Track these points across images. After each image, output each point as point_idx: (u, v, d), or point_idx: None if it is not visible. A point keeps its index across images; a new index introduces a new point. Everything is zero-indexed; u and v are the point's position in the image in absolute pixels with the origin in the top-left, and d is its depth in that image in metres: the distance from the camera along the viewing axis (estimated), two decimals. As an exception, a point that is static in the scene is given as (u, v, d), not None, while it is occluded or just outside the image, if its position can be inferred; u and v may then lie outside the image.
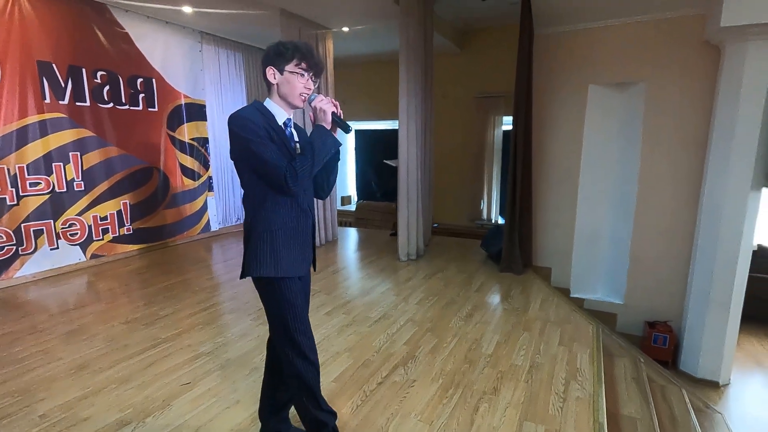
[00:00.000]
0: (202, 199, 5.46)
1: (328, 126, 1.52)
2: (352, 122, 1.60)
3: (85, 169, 4.19)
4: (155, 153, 4.86)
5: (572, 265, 4.68)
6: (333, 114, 1.53)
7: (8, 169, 3.66)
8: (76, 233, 4.16)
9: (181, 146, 5.14)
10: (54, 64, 3.88)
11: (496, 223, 6.44)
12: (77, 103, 4.08)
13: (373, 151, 7.72)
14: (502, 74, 5.76)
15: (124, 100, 4.48)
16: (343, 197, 8.26)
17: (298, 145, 1.58)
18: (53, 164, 3.95)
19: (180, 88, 5.05)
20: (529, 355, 2.60)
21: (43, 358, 2.50)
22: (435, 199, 5.52)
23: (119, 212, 4.51)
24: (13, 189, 3.69)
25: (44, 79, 3.83)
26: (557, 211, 4.67)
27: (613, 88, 4.35)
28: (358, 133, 8.14)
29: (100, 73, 4.24)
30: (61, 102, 3.96)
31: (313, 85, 1.55)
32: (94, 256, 4.32)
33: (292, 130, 1.59)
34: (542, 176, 4.64)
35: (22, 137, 3.73)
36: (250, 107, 1.51)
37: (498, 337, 2.82)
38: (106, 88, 4.31)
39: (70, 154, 4.07)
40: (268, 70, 1.51)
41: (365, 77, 7.18)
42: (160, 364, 2.43)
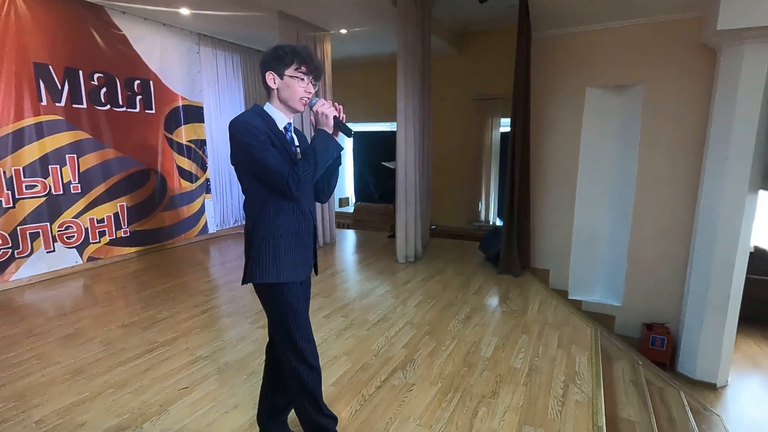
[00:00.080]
0: (199, 201, 5.44)
1: (330, 130, 1.51)
2: (350, 124, 1.59)
3: (81, 171, 4.17)
4: (152, 155, 4.84)
5: (570, 267, 4.68)
6: (335, 118, 1.52)
7: (4, 172, 3.64)
8: (73, 236, 4.13)
9: (179, 148, 5.13)
10: (50, 66, 3.86)
11: (494, 225, 6.44)
12: (74, 105, 4.06)
13: (371, 152, 7.71)
14: (500, 76, 5.77)
15: (121, 102, 4.46)
16: (341, 199, 8.26)
17: (299, 150, 1.57)
18: (50, 167, 3.93)
19: (177, 90, 5.04)
20: (528, 358, 2.60)
21: (39, 363, 2.48)
22: (433, 201, 5.52)
23: (116, 215, 4.49)
24: (9, 192, 3.67)
25: (40, 81, 3.81)
26: (555, 213, 4.68)
27: (610, 91, 4.36)
28: (356, 134, 8.14)
29: (96, 75, 4.22)
30: (57, 104, 3.94)
31: (313, 89, 1.55)
32: (91, 259, 4.30)
33: (292, 135, 1.58)
34: (540, 178, 4.65)
35: (18, 139, 3.71)
36: (251, 112, 1.50)
37: (496, 340, 2.82)
38: (103, 90, 4.29)
39: (67, 156, 4.05)
40: (267, 75, 1.50)
41: (363, 79, 7.18)
42: (158, 368, 2.42)
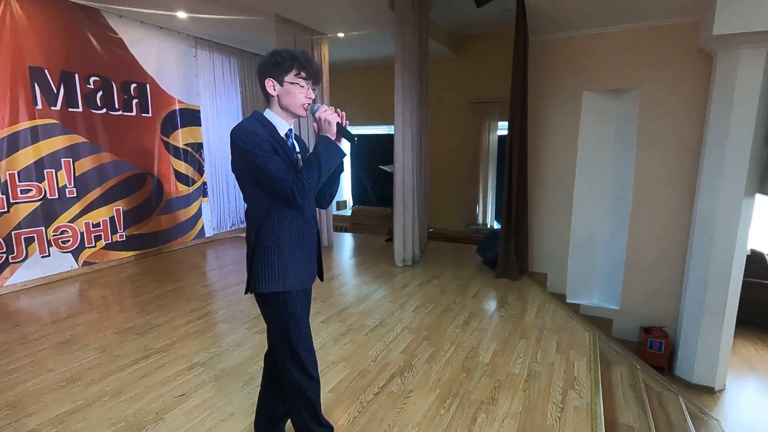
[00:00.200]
0: (196, 205, 5.42)
1: (332, 137, 1.50)
2: (347, 127, 1.58)
3: (77, 175, 4.14)
4: (149, 159, 4.82)
5: (568, 271, 4.68)
6: (338, 124, 1.50)
7: (-1, 176, 3.61)
8: (68, 240, 4.10)
9: (175, 152, 5.11)
10: (46, 70, 3.84)
11: (492, 228, 6.45)
12: (69, 109, 4.04)
13: (369, 156, 7.71)
14: (497, 80, 5.78)
15: (117, 106, 4.44)
16: (338, 202, 8.24)
17: (300, 156, 1.56)
18: (45, 171, 3.90)
19: (174, 93, 5.02)
20: (527, 364, 2.59)
21: (34, 370, 2.45)
22: (430, 204, 5.52)
23: (112, 219, 4.46)
24: (4, 196, 3.64)
25: (36, 84, 3.78)
26: (553, 217, 4.68)
27: (607, 94, 4.37)
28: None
29: (93, 79, 4.20)
30: (53, 108, 3.92)
31: (313, 94, 1.53)
32: (87, 264, 4.27)
33: (293, 141, 1.57)
34: (538, 181, 4.65)
35: (13, 144, 3.68)
36: (251, 119, 1.48)
37: (495, 345, 2.81)
38: (99, 93, 4.27)
39: (62, 160, 4.02)
40: (267, 82, 1.47)
41: (361, 82, 7.19)
42: (154, 375, 2.39)
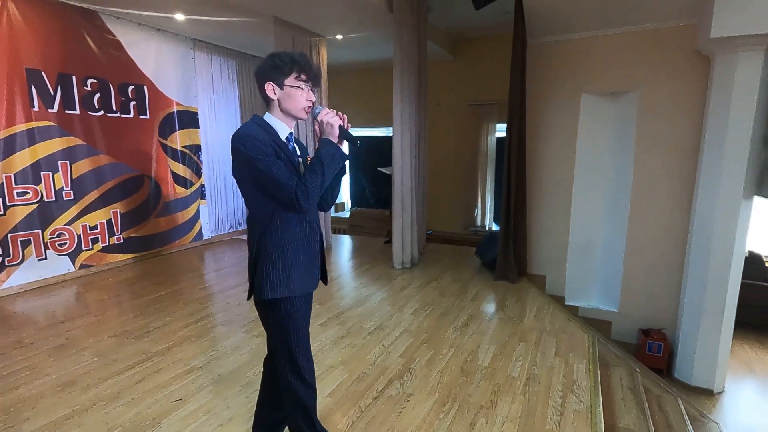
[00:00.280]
0: (194, 207, 5.40)
1: (335, 140, 1.49)
2: (349, 130, 1.57)
3: (74, 177, 4.12)
4: (146, 161, 4.80)
5: (567, 273, 4.67)
6: (340, 127, 1.49)
7: (-5, 179, 3.59)
8: (65, 243, 4.08)
9: (173, 154, 5.09)
10: (43, 72, 3.82)
11: (491, 230, 6.44)
12: (67, 111, 4.02)
13: (367, 158, 7.70)
14: (496, 82, 5.78)
15: (114, 108, 4.42)
16: (336, 204, 8.23)
17: (301, 160, 1.54)
18: (42, 173, 3.88)
19: (172, 95, 5.01)
20: (526, 367, 2.58)
21: (30, 375, 2.43)
22: (429, 206, 5.51)
23: (109, 221, 4.44)
24: (0, 199, 3.62)
25: (33, 86, 3.77)
26: (551, 219, 4.68)
27: (606, 97, 4.38)
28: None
29: (90, 81, 4.18)
30: (50, 110, 3.90)
31: (314, 96, 1.52)
32: (84, 267, 4.25)
33: (294, 145, 1.55)
34: (536, 184, 4.65)
35: (10, 146, 3.66)
36: (252, 124, 1.46)
37: (494, 348, 2.80)
38: (97, 95, 4.25)
39: (59, 162, 4.00)
40: (267, 86, 1.46)
41: (359, 84, 7.18)
42: (151, 379, 2.38)
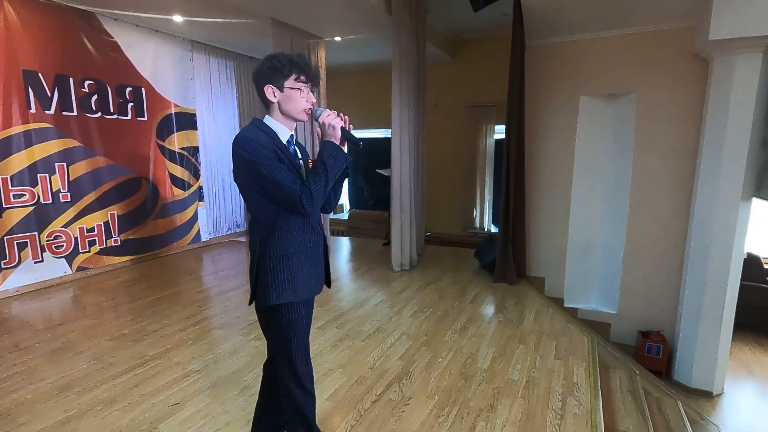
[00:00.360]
0: (192, 209, 5.38)
1: (337, 142, 1.47)
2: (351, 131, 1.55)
3: (71, 179, 4.10)
4: (144, 163, 4.78)
5: (566, 275, 4.67)
6: (342, 129, 1.48)
7: (-9, 181, 3.57)
8: (62, 245, 4.06)
9: (171, 156, 5.07)
10: (40, 74, 3.80)
11: (489, 232, 6.44)
12: (64, 113, 4.00)
13: (366, 159, 7.69)
14: (494, 84, 5.78)
15: (112, 110, 4.41)
16: (335, 206, 8.21)
17: (302, 163, 1.53)
18: (38, 175, 3.86)
19: (170, 97, 4.99)
20: (525, 370, 2.57)
21: (25, 379, 2.41)
22: (427, 208, 5.50)
23: (107, 223, 4.42)
24: (-4, 201, 3.60)
25: (29, 88, 3.74)
26: (550, 221, 4.68)
27: (604, 98, 4.38)
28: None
29: (87, 82, 4.16)
30: (47, 112, 3.88)
31: (314, 98, 1.51)
32: (81, 269, 4.22)
33: (295, 147, 1.54)
34: (535, 185, 4.64)
35: (6, 148, 3.64)
36: (253, 127, 1.44)
37: (493, 351, 2.79)
38: (94, 97, 4.23)
39: (56, 164, 3.98)
40: (266, 89, 1.44)
41: (358, 86, 7.18)
42: (148, 383, 2.36)
